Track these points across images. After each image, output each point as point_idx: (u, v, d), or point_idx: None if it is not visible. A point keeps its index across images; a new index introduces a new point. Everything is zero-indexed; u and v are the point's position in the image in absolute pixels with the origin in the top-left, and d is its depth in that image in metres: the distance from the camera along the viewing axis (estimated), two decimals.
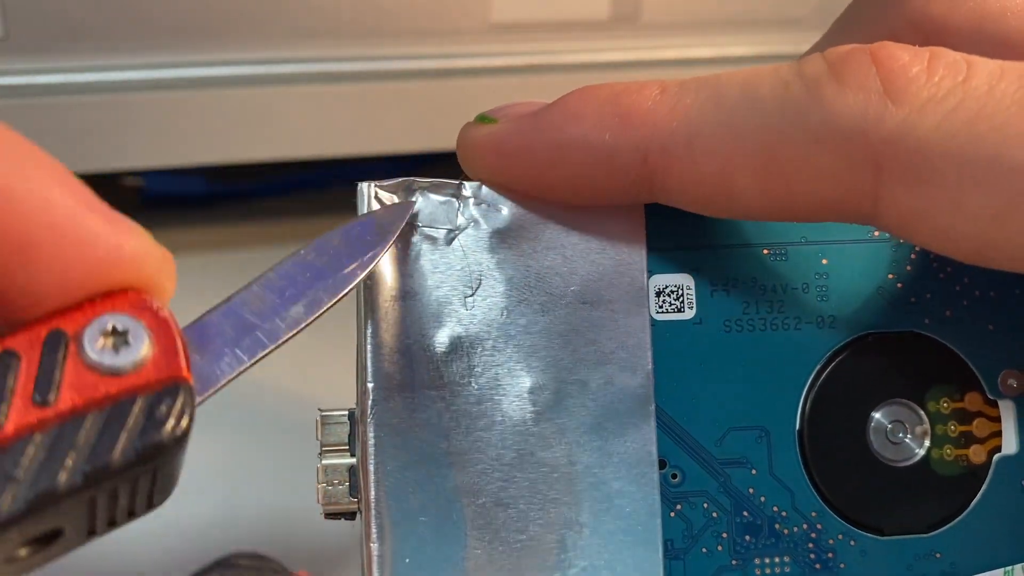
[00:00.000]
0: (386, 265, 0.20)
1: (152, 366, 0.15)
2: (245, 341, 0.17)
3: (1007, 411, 0.21)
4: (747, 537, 0.20)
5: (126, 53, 0.32)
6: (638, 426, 0.20)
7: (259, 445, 0.29)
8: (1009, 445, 0.21)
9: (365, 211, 0.20)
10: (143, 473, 0.15)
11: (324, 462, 0.20)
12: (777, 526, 0.21)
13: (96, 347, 0.15)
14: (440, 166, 0.37)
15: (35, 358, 0.15)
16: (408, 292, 0.20)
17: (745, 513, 0.21)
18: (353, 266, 0.18)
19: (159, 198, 0.37)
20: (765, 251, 0.21)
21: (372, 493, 0.20)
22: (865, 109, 0.17)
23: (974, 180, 0.16)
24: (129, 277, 0.16)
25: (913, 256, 0.22)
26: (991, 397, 0.21)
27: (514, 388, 0.20)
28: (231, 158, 0.34)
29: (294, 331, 0.17)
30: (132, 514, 0.16)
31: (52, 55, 0.31)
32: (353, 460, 0.20)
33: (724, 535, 0.20)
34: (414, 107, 0.34)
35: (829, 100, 0.17)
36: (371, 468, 0.20)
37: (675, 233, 0.21)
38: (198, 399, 0.16)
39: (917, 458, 0.21)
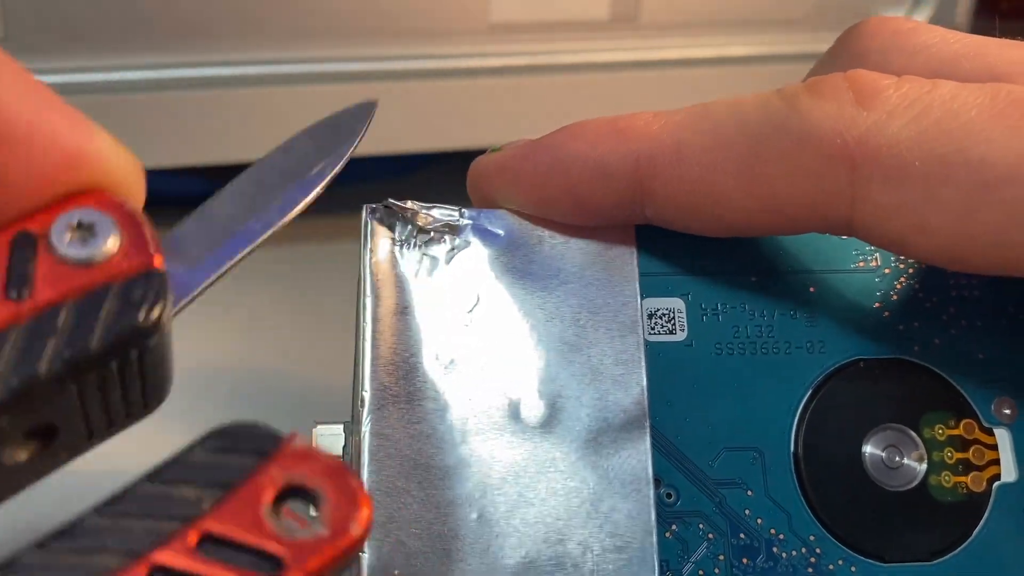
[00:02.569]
0: (386, 280, 0.21)
1: (122, 256, 0.15)
2: (221, 246, 0.17)
3: (1003, 439, 0.21)
4: (744, 560, 0.20)
5: (126, 53, 0.32)
6: (633, 443, 0.20)
7: None
8: (1008, 473, 0.21)
9: (368, 233, 0.21)
10: (127, 364, 0.15)
11: None
12: (775, 549, 0.20)
13: (64, 241, 0.15)
14: (440, 166, 0.37)
15: (4, 258, 0.15)
16: (407, 307, 0.21)
17: (742, 535, 0.20)
18: (322, 165, 0.18)
19: (159, 198, 0.36)
20: (753, 279, 0.22)
21: None
22: (839, 113, 0.18)
23: (944, 174, 0.18)
24: (94, 177, 0.16)
25: (899, 285, 0.22)
26: (986, 424, 0.21)
27: (509, 403, 0.20)
28: (231, 158, 0.34)
29: (268, 232, 0.18)
30: (130, 415, 0.16)
31: (52, 55, 0.31)
32: None
33: (721, 557, 0.20)
34: (414, 107, 0.33)
35: (805, 109, 0.19)
36: (364, 476, 0.20)
37: (666, 259, 0.22)
38: (179, 304, 0.16)
39: (914, 484, 0.21)
